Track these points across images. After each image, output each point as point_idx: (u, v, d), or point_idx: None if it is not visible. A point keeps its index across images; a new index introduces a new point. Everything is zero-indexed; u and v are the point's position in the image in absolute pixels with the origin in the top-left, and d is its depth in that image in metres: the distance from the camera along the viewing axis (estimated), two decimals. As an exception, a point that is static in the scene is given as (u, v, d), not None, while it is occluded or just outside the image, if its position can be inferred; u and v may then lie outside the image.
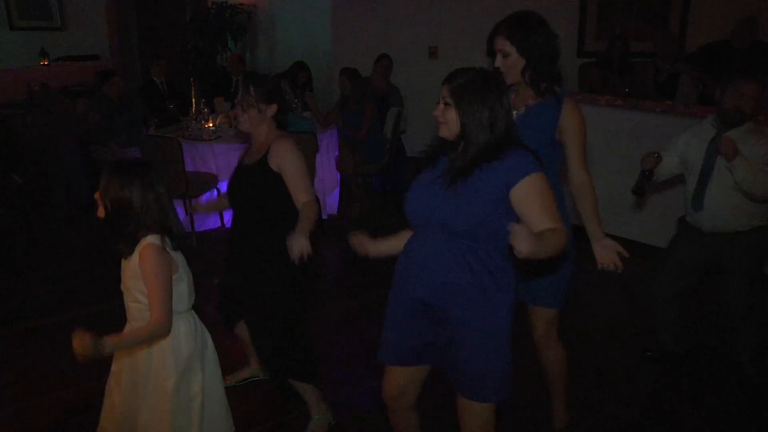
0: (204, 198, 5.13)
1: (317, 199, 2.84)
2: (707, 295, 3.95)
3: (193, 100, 6.14)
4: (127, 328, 2.21)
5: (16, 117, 7.21)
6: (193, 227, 5.19)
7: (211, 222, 5.53)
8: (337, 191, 5.95)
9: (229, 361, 3.45)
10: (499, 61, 2.32)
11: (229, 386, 3.21)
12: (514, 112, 2.38)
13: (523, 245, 1.69)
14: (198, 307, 2.29)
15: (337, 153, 5.96)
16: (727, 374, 3.37)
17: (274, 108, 2.63)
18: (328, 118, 6.02)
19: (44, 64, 8.32)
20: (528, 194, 1.88)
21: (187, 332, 2.21)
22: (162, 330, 2.07)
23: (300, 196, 2.60)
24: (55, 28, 8.81)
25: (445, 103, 1.92)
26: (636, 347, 3.63)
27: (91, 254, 4.71)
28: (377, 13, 7.27)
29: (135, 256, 2.08)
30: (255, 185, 2.64)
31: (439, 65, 6.87)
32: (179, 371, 2.19)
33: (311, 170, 5.41)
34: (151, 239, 2.08)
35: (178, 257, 2.17)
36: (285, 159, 2.58)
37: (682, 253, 3.27)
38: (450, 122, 1.92)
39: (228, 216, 5.49)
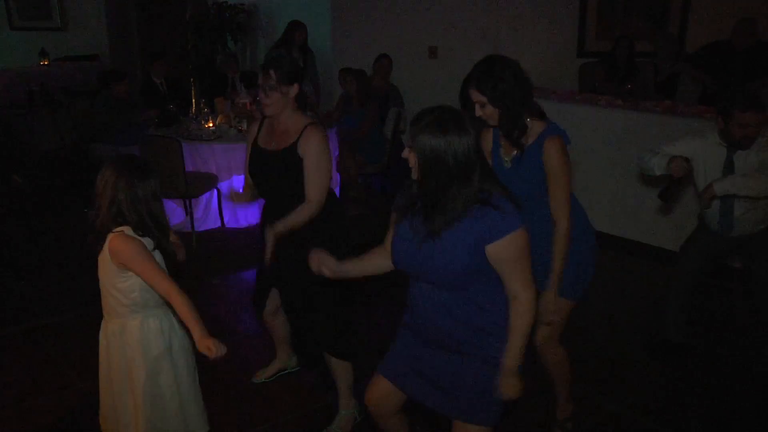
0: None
1: (333, 201, 2.81)
2: (705, 296, 3.96)
3: (193, 100, 6.15)
4: (104, 323, 2.27)
5: (17, 117, 7.23)
6: (193, 227, 5.19)
7: (211, 222, 5.53)
8: (337, 191, 5.96)
9: (234, 362, 3.47)
10: (478, 111, 2.35)
11: (259, 382, 3.26)
12: (506, 160, 2.44)
13: (511, 391, 1.96)
14: (198, 308, 2.29)
15: (337, 153, 5.97)
16: (729, 373, 3.38)
17: (296, 88, 2.60)
18: (328, 118, 6.03)
19: (44, 64, 8.32)
20: (503, 254, 1.85)
21: (157, 330, 2.23)
22: (178, 298, 2.07)
23: (311, 191, 2.59)
24: (55, 28, 8.80)
25: (410, 146, 1.87)
26: (637, 346, 3.64)
27: (91, 254, 4.71)
28: (377, 13, 7.26)
29: (105, 251, 2.11)
30: (286, 171, 2.62)
31: (439, 65, 6.87)
32: (148, 368, 2.22)
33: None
34: (118, 230, 2.09)
35: (155, 255, 2.15)
36: (310, 150, 2.58)
37: (704, 244, 3.33)
38: (414, 167, 1.87)
39: (228, 216, 5.50)
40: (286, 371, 3.34)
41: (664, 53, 5.48)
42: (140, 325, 2.21)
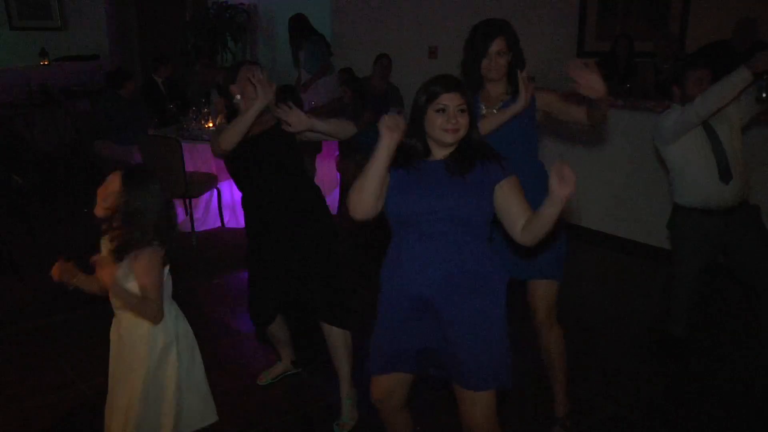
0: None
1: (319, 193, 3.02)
2: (704, 295, 3.96)
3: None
4: (116, 320, 2.28)
5: (17, 117, 7.23)
6: (193, 227, 5.20)
7: (211, 222, 5.54)
8: (337, 191, 5.96)
9: (237, 362, 3.47)
10: (496, 62, 2.54)
11: (264, 384, 3.27)
12: (493, 110, 2.59)
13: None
14: (198, 308, 2.30)
15: (337, 153, 5.97)
16: (729, 373, 3.38)
17: None
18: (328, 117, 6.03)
19: (44, 64, 8.31)
20: (511, 190, 2.05)
21: (165, 322, 2.25)
22: (152, 314, 2.16)
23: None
24: (55, 28, 8.80)
25: (461, 110, 2.04)
26: (636, 344, 3.64)
27: (90, 254, 4.71)
28: (377, 13, 7.26)
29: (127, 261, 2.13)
30: (281, 143, 2.80)
31: (439, 65, 6.86)
32: (153, 360, 2.22)
33: (311, 170, 5.42)
34: (151, 247, 2.14)
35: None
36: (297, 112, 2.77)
37: (697, 232, 3.33)
38: (463, 128, 2.04)
39: (228, 216, 5.50)
40: (289, 373, 3.34)
41: (664, 53, 5.48)
42: (169, 314, 2.25)
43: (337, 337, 2.92)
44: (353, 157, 5.88)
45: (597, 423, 2.99)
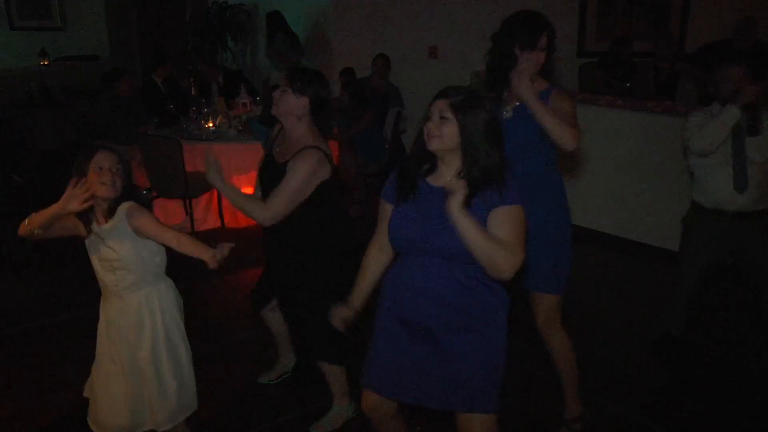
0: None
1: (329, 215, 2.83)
2: (705, 295, 3.96)
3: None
4: (115, 306, 2.46)
5: (17, 117, 7.23)
6: (193, 227, 5.19)
7: (211, 222, 5.53)
8: (336, 191, 5.95)
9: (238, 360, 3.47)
10: (540, 57, 2.44)
11: (264, 384, 3.28)
12: (504, 113, 2.52)
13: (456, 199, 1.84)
14: (198, 308, 2.31)
15: (337, 153, 5.97)
16: (730, 373, 3.38)
17: (305, 101, 2.66)
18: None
19: (44, 64, 8.32)
20: (505, 219, 1.93)
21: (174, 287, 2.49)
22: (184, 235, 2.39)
23: (271, 200, 2.61)
24: (55, 28, 8.81)
25: (442, 117, 1.94)
26: (637, 345, 3.64)
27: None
28: (377, 13, 7.26)
29: (117, 226, 2.29)
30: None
31: (439, 65, 6.87)
32: (180, 323, 2.47)
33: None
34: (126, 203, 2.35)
35: None
36: (294, 167, 2.62)
37: (704, 234, 3.31)
38: (446, 136, 1.93)
39: (227, 216, 5.49)
40: (289, 374, 3.34)
41: (664, 53, 5.49)
42: (168, 286, 2.43)
43: (329, 367, 2.88)
44: (353, 157, 5.88)
45: (597, 423, 2.99)
